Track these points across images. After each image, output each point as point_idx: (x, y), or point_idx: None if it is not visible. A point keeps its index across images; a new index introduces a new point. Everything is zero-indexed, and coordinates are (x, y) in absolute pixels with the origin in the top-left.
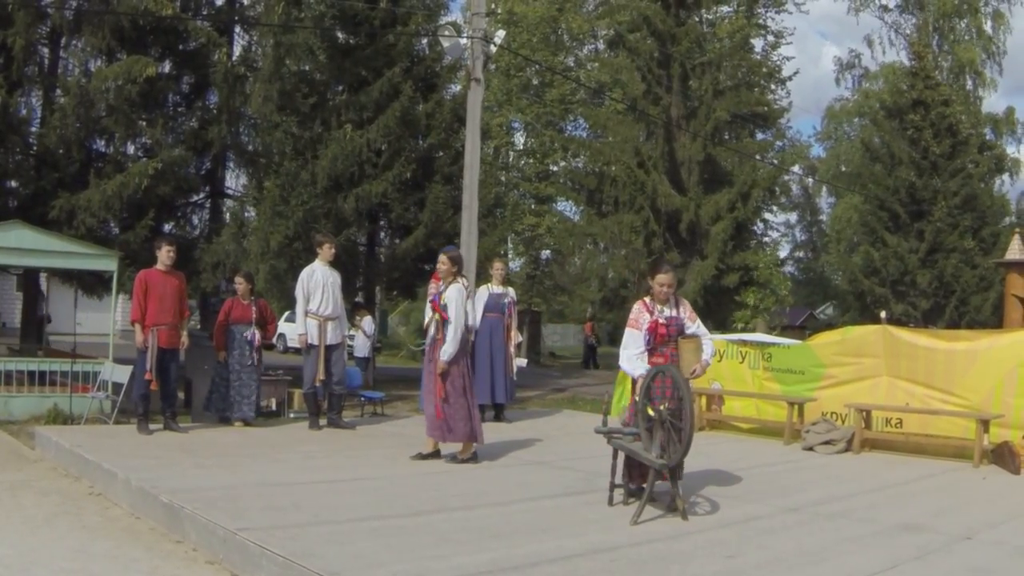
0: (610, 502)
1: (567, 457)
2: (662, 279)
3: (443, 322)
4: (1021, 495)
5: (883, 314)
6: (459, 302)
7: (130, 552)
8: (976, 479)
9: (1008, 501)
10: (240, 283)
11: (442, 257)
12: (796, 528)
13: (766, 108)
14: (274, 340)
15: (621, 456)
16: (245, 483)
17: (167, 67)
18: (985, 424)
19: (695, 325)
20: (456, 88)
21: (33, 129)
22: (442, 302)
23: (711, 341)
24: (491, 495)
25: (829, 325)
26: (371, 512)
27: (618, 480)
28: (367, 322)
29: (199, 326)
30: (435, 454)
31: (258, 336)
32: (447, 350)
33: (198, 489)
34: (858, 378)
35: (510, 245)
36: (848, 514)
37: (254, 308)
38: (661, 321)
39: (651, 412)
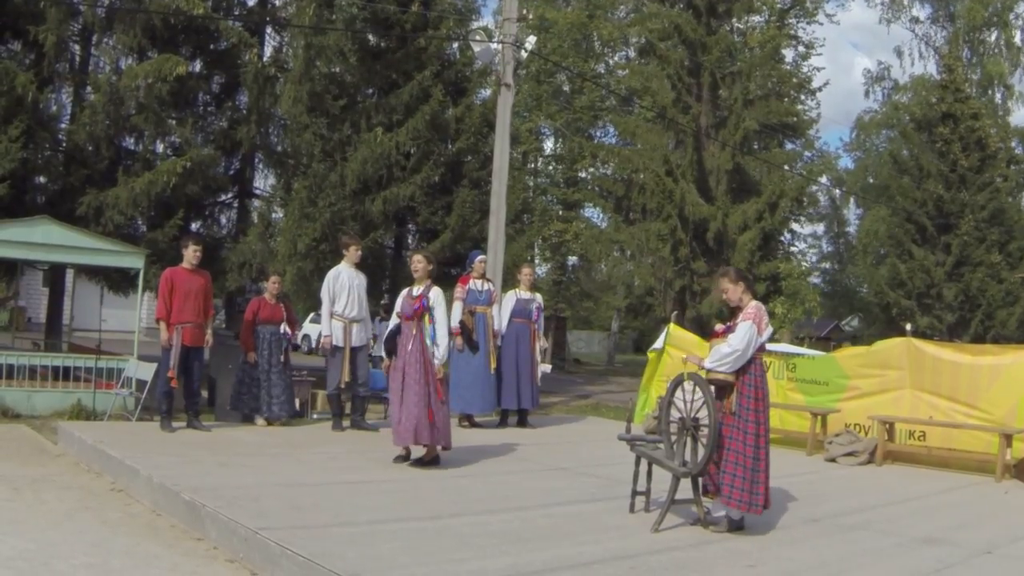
0: (631, 509)
1: (589, 463)
2: (719, 287)
3: (431, 325)
4: None
5: (908, 327)
6: (444, 304)
7: (150, 549)
8: (998, 493)
9: None
10: (275, 282)
11: (417, 256)
12: (816, 539)
13: (795, 118)
14: (298, 341)
15: (644, 463)
16: (267, 483)
17: (198, 66)
18: (1008, 439)
19: (736, 329)
20: (486, 93)
21: (63, 126)
22: (429, 304)
23: (720, 349)
24: (512, 500)
25: (855, 337)
26: (392, 514)
27: (640, 487)
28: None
29: (224, 325)
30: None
31: (291, 336)
32: (442, 353)
33: (220, 487)
34: (882, 390)
35: (537, 251)
36: (869, 526)
37: (283, 308)
38: (720, 329)
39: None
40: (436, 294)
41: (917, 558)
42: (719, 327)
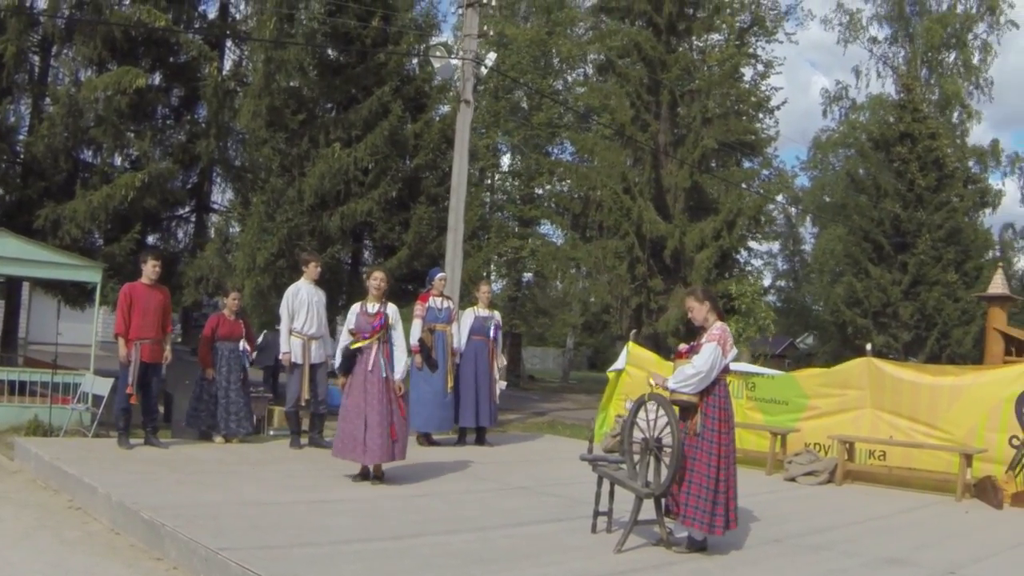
0: (593, 529)
1: (549, 483)
2: (685, 305)
3: (387, 343)
4: (1003, 530)
5: (869, 346)
6: (400, 321)
7: (109, 569)
8: (958, 513)
9: (990, 536)
10: (235, 298)
11: (380, 274)
12: (778, 559)
13: (753, 137)
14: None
15: (606, 484)
16: (227, 501)
17: (157, 79)
18: (968, 458)
19: (700, 350)
20: (445, 109)
21: (21, 137)
22: (388, 322)
23: (684, 370)
24: (473, 520)
25: (810, 355)
26: (353, 535)
27: (602, 508)
28: None
29: (180, 340)
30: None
31: (250, 352)
32: (400, 369)
33: (179, 506)
34: (842, 410)
35: (492, 267)
36: (831, 546)
37: (243, 325)
38: (683, 349)
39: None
40: (394, 311)
41: None
42: (683, 347)
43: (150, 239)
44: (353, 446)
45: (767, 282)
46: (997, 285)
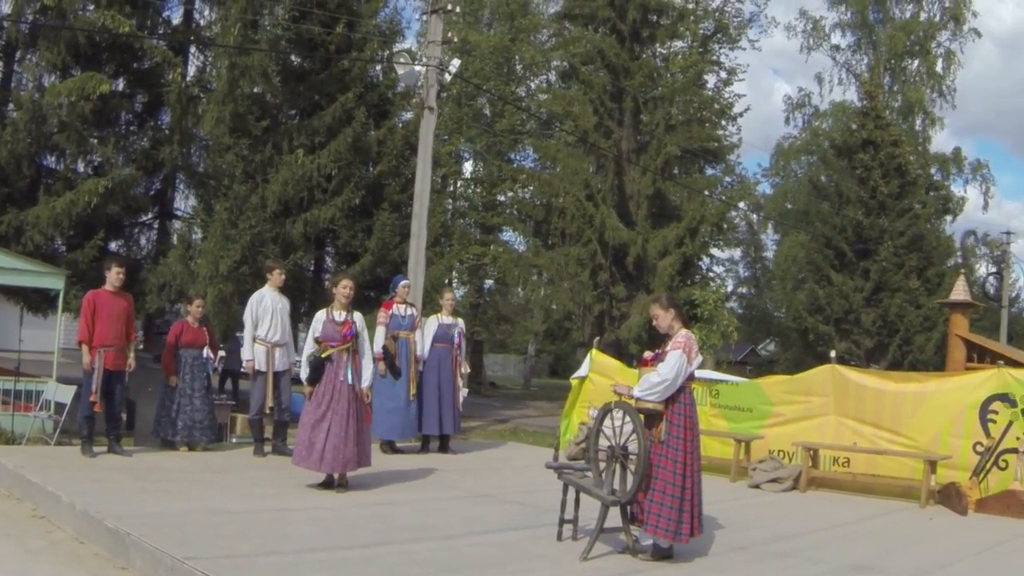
0: (559, 537)
1: (513, 490)
2: (650, 312)
3: (355, 351)
4: (968, 536)
5: (833, 353)
6: (367, 329)
7: None
8: (923, 519)
9: (955, 542)
10: (199, 306)
11: (348, 282)
12: (744, 567)
13: (716, 144)
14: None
15: (571, 491)
16: (191, 509)
17: (121, 85)
18: (932, 465)
19: (666, 359)
20: (408, 115)
21: None
22: (356, 330)
23: (649, 378)
24: (438, 528)
25: (771, 362)
26: (318, 543)
27: (568, 515)
28: None
29: (142, 347)
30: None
31: (213, 359)
32: (368, 377)
33: (144, 515)
34: (806, 416)
35: (455, 274)
36: (796, 553)
37: (206, 332)
38: (648, 356)
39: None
40: (361, 320)
41: None
42: (648, 355)
43: (113, 246)
44: (309, 453)
45: (729, 289)
46: (959, 292)
